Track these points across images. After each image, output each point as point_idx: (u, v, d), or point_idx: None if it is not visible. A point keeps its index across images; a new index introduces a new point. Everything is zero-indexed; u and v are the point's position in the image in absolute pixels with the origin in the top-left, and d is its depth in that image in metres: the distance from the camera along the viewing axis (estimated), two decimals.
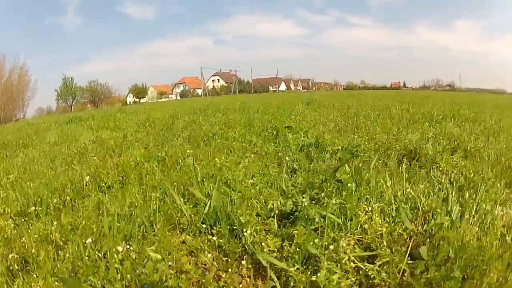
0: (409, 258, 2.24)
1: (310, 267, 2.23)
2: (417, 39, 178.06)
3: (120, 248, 2.26)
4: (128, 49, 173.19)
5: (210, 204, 2.95)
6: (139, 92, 35.15)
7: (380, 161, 4.35)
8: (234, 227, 2.69)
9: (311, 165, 4.27)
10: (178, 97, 74.19)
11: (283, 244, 2.45)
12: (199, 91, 70.42)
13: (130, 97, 71.30)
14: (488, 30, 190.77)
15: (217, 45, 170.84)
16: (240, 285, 2.25)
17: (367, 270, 2.19)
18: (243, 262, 2.29)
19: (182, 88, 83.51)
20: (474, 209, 2.82)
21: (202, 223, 2.83)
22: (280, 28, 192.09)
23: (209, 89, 75.03)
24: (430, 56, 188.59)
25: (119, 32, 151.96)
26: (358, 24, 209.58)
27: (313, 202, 2.95)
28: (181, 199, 3.15)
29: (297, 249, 2.31)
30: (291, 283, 2.13)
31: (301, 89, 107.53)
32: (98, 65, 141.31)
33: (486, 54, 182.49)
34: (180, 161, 4.79)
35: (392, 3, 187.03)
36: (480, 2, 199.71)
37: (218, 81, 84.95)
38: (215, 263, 2.35)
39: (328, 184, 3.37)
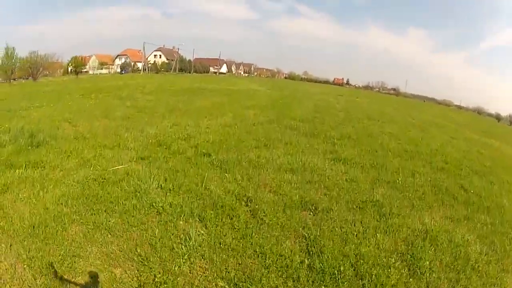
0: None
1: None
2: (367, 39, 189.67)
3: None
4: (75, 12, 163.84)
5: None
6: (78, 65, 37.27)
7: None
8: None
9: None
10: (118, 70, 76.05)
11: None
12: (140, 65, 73.18)
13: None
14: (439, 43, 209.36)
15: (164, 18, 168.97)
16: None
17: None
18: None
19: (123, 60, 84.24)
20: None
21: None
22: (232, 10, 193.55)
23: (150, 64, 77.02)
24: (378, 58, 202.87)
25: None
26: (310, 16, 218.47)
27: None
28: None
29: None
30: None
31: (242, 73, 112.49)
32: (43, 27, 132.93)
33: (433, 65, 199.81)
34: None
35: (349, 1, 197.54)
36: (435, 14, 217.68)
37: (160, 57, 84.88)
38: None
39: None
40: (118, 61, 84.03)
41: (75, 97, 13.90)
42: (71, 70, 40.22)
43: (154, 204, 3.84)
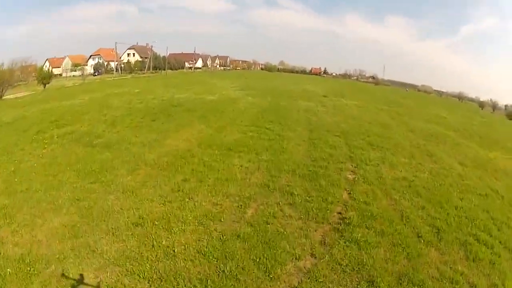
0: None
1: None
2: (346, 29, 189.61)
3: None
4: (48, 13, 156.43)
5: None
6: (44, 77, 33.99)
7: None
8: None
9: None
10: (92, 71, 73.07)
11: None
12: (114, 65, 70.54)
13: (46, 66, 69.11)
14: (419, 30, 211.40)
15: (141, 14, 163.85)
16: None
17: None
18: None
19: (97, 60, 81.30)
20: None
21: None
22: (210, 2, 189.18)
23: (123, 64, 74.56)
24: (357, 46, 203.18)
25: None
26: (288, 6, 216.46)
27: None
28: None
29: None
30: None
31: (218, 66, 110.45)
32: (16, 29, 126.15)
33: (413, 52, 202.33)
34: None
35: None
36: (415, 2, 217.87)
37: (134, 55, 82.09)
38: None
39: None
40: (91, 61, 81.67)
41: (27, 142, 11.32)
42: (38, 81, 37.49)
43: None
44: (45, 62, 76.37)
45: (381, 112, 22.24)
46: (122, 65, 71.33)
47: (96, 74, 69.17)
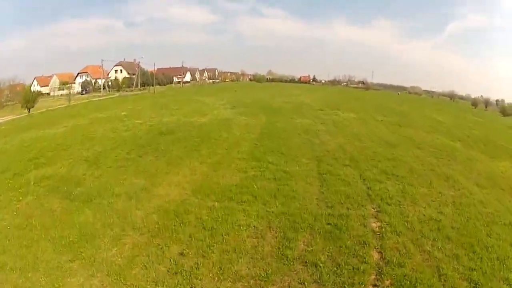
0: None
1: None
2: (332, 34, 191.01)
3: None
4: (35, 30, 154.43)
5: None
6: (28, 101, 31.90)
7: None
8: None
9: None
10: (79, 89, 71.24)
11: None
12: (101, 82, 69.02)
13: (34, 85, 67.55)
14: (406, 32, 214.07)
15: (127, 28, 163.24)
16: None
17: None
18: None
19: (84, 78, 79.46)
20: None
21: None
22: (193, 14, 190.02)
23: (111, 81, 72.87)
24: (344, 51, 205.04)
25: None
26: (272, 14, 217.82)
27: None
28: None
29: None
30: None
31: (206, 79, 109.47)
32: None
33: (401, 54, 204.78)
34: None
35: None
36: (399, 3, 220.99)
37: (121, 72, 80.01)
38: None
39: None
40: (79, 79, 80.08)
41: (3, 189, 9.93)
42: (22, 105, 35.57)
43: None
44: (33, 80, 75.77)
45: (380, 125, 21.43)
46: (109, 83, 69.63)
47: (84, 92, 67.46)
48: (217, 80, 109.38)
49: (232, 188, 8.97)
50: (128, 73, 78.47)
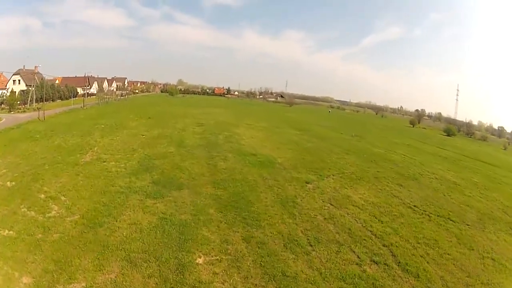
0: None
1: None
2: (244, 43, 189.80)
3: None
4: None
5: None
6: None
7: None
8: None
9: None
10: None
11: None
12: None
13: None
14: (318, 42, 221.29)
15: (45, 28, 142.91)
16: None
17: None
18: None
19: None
20: None
21: None
22: (109, 17, 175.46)
23: (6, 95, 61.32)
24: (257, 61, 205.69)
25: None
26: (186, 22, 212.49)
27: None
28: None
29: None
30: None
31: (115, 89, 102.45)
32: None
33: (315, 64, 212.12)
34: None
35: (225, 5, 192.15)
36: (313, 15, 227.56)
37: (19, 83, 67.38)
38: None
39: None
40: None
41: None
42: None
43: None
44: None
45: (360, 182, 18.23)
46: (4, 97, 58.51)
47: None
48: (126, 91, 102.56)
49: None
50: (26, 85, 65.87)
